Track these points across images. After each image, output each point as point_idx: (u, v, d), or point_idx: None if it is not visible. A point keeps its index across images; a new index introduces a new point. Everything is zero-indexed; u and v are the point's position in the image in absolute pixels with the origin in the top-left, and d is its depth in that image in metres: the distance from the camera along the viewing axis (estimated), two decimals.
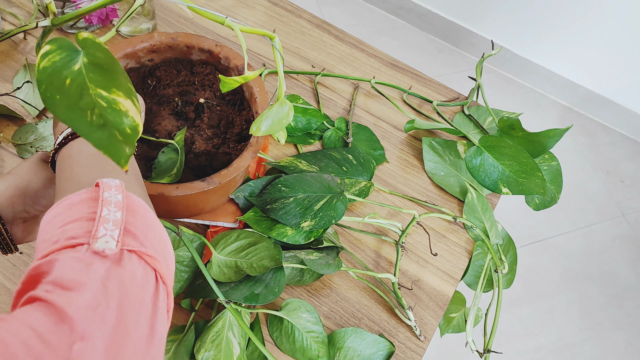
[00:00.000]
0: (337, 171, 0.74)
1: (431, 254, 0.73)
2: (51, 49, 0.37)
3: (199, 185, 0.56)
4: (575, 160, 1.83)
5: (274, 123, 0.56)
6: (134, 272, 0.33)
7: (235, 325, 0.58)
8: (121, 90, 0.38)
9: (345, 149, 0.76)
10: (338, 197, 0.68)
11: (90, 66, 0.38)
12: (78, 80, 0.37)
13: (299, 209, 0.66)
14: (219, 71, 0.67)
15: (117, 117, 0.38)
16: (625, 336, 1.55)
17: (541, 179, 0.73)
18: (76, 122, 0.37)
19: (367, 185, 0.75)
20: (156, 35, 0.64)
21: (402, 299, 0.67)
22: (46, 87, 0.37)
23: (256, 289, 0.61)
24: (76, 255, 0.32)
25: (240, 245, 0.62)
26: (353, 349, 0.62)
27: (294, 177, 0.69)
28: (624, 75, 1.76)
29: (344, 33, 0.93)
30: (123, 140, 0.38)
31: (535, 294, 1.58)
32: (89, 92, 0.38)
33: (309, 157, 0.74)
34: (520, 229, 1.67)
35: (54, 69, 0.37)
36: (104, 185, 0.37)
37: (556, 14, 1.70)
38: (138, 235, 0.35)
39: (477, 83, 0.83)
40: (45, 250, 0.33)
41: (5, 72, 0.79)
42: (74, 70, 0.37)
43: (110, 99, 0.38)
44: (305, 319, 0.62)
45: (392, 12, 2.02)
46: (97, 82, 0.38)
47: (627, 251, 1.68)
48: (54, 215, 0.36)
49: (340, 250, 0.69)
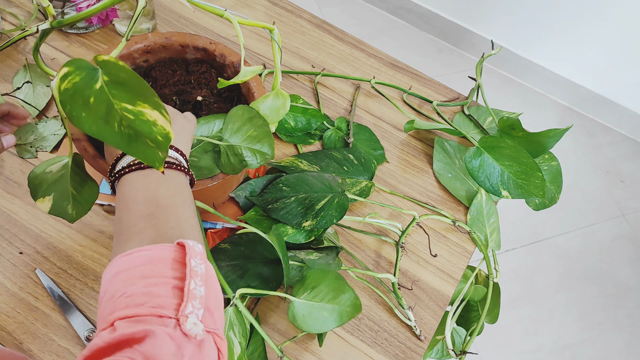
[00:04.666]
0: (338, 171, 0.74)
1: (430, 254, 0.73)
2: (70, 71, 0.38)
3: (204, 181, 0.56)
4: (575, 160, 1.83)
5: (272, 112, 0.56)
6: (210, 355, 0.35)
7: (236, 325, 0.58)
8: (147, 102, 0.40)
9: (346, 149, 0.76)
10: (339, 197, 0.68)
11: (111, 84, 0.39)
12: (102, 98, 0.39)
13: (300, 209, 0.66)
14: (215, 69, 0.67)
15: (146, 127, 0.40)
16: (625, 336, 1.55)
17: (541, 180, 0.73)
18: (106, 134, 0.39)
19: (368, 185, 0.75)
20: (150, 35, 0.64)
21: (402, 299, 0.67)
22: (71, 107, 0.38)
23: (252, 282, 0.62)
24: (168, 332, 0.33)
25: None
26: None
27: (295, 176, 0.69)
28: (624, 75, 1.75)
29: (344, 33, 0.93)
30: (155, 147, 0.40)
31: (535, 294, 1.58)
32: (115, 107, 0.39)
33: (309, 157, 0.74)
34: (520, 229, 1.67)
35: (75, 90, 0.38)
36: (190, 251, 0.38)
37: (556, 14, 1.70)
38: (214, 313, 0.37)
39: (477, 83, 0.83)
40: (130, 310, 0.34)
41: (5, 72, 0.78)
42: (96, 89, 0.39)
43: (137, 111, 0.39)
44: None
45: (392, 12, 2.02)
46: (121, 97, 0.39)
47: (627, 251, 1.68)
48: (132, 264, 0.37)
49: (340, 250, 0.69)
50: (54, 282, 0.65)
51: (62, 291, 0.64)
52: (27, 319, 0.62)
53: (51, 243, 0.67)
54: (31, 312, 0.63)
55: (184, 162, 0.49)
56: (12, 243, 0.67)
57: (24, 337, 0.61)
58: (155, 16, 0.86)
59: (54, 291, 0.64)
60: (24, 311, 0.63)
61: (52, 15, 0.42)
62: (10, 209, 0.69)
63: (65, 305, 0.63)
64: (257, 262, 0.63)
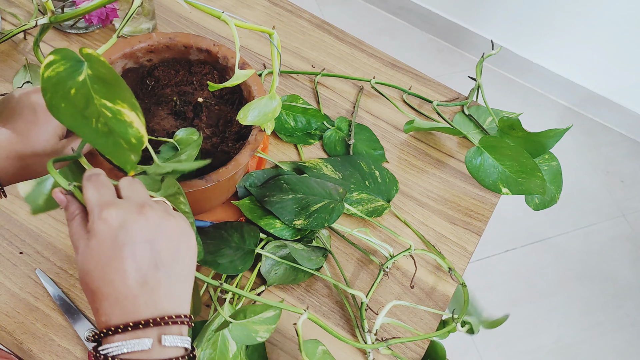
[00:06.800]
0: (359, 183, 0.73)
1: (410, 286, 0.70)
2: (55, 59, 0.38)
3: (197, 182, 0.56)
4: (575, 160, 1.83)
5: (261, 115, 0.56)
6: None
7: None
8: (125, 102, 0.39)
9: (376, 164, 0.75)
10: (336, 204, 0.68)
11: (94, 78, 0.39)
12: (83, 91, 0.38)
13: (296, 207, 0.67)
14: (217, 71, 0.67)
15: (122, 127, 0.39)
16: (625, 336, 1.55)
17: (541, 179, 0.73)
18: (82, 129, 0.39)
19: (383, 206, 0.73)
20: (154, 35, 0.64)
21: (366, 321, 0.65)
22: (51, 95, 0.37)
23: (220, 259, 0.62)
24: None
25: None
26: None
27: (297, 178, 0.70)
28: (624, 75, 1.75)
29: (344, 33, 0.93)
30: (129, 149, 0.40)
31: (536, 294, 1.58)
32: (94, 102, 0.38)
33: (336, 162, 0.74)
34: (520, 229, 1.67)
35: (58, 79, 0.38)
36: None
37: (556, 14, 1.70)
38: None
39: (477, 83, 0.83)
40: None
41: (5, 72, 0.79)
42: (79, 81, 0.38)
43: (115, 110, 0.39)
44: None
45: (392, 12, 2.02)
46: (102, 93, 0.39)
47: (627, 251, 1.68)
48: None
49: (328, 253, 0.69)
50: (54, 282, 0.65)
51: (62, 291, 0.64)
52: (27, 319, 0.62)
53: (51, 243, 0.67)
54: (31, 312, 0.63)
55: (187, 342, 0.39)
56: (12, 243, 0.67)
57: (24, 337, 0.61)
58: (156, 16, 0.86)
59: (54, 291, 0.64)
60: (24, 311, 0.63)
61: (51, 11, 0.42)
62: (10, 209, 0.69)
63: (65, 305, 0.63)
64: (231, 246, 0.65)
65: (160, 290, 0.38)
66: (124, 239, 0.38)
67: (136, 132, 0.40)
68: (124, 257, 0.37)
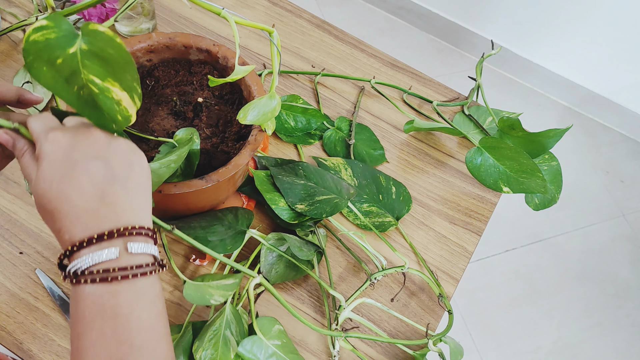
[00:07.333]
0: (373, 196, 0.74)
1: (390, 300, 0.70)
2: (48, 25, 0.36)
3: (197, 183, 0.56)
4: (575, 160, 1.83)
5: (260, 115, 0.56)
6: None
7: (233, 324, 0.58)
8: (118, 82, 0.38)
9: (394, 180, 0.76)
10: (341, 201, 0.69)
11: (88, 54, 0.37)
12: (70, 63, 0.37)
13: (303, 193, 0.68)
14: (217, 70, 0.67)
15: (108, 103, 0.38)
16: (625, 336, 1.55)
17: (542, 179, 0.73)
18: (63, 92, 0.37)
19: (390, 223, 0.73)
20: (154, 35, 0.64)
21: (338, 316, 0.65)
22: (34, 58, 0.36)
23: (211, 236, 0.62)
24: None
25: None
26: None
27: (315, 168, 0.71)
28: (624, 75, 1.76)
29: (344, 33, 0.93)
30: (112, 122, 0.39)
31: (536, 294, 1.58)
32: (81, 75, 0.37)
33: (357, 168, 0.75)
34: (520, 229, 1.67)
35: (45, 45, 0.36)
36: None
37: (556, 14, 1.70)
38: None
39: (477, 83, 0.83)
40: None
41: (5, 72, 0.79)
42: (69, 53, 0.37)
43: (103, 87, 0.38)
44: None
45: (392, 12, 2.02)
46: (93, 70, 0.37)
47: (627, 251, 1.68)
48: None
49: (321, 250, 0.69)
50: (54, 282, 0.65)
51: (62, 291, 0.64)
52: (27, 319, 0.62)
53: (51, 243, 0.67)
54: (31, 312, 0.63)
55: (155, 250, 0.39)
56: (12, 243, 0.67)
57: (24, 337, 0.61)
58: (156, 16, 0.86)
59: (54, 291, 0.64)
60: (24, 311, 0.63)
61: (52, 7, 0.42)
62: (10, 209, 0.69)
63: (65, 305, 0.63)
64: (224, 224, 0.65)
65: (120, 203, 0.38)
66: (75, 156, 0.37)
67: (124, 111, 0.39)
68: (78, 172, 0.37)
